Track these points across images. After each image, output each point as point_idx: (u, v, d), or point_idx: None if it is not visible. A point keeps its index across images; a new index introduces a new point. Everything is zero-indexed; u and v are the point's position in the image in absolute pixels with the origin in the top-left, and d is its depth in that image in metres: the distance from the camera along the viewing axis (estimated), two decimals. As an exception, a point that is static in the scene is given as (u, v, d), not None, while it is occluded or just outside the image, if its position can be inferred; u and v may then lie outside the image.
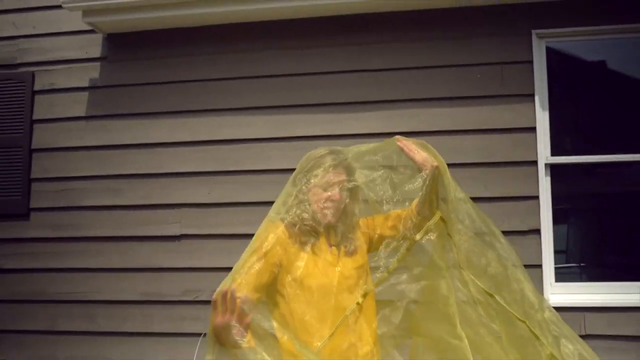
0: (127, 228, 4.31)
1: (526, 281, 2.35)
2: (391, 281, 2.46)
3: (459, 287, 2.41)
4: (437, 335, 2.49)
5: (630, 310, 3.77)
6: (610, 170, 4.10)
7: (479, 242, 2.35)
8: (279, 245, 2.24)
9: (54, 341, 4.32)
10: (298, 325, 2.20)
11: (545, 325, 2.29)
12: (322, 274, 2.26)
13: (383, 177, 2.47)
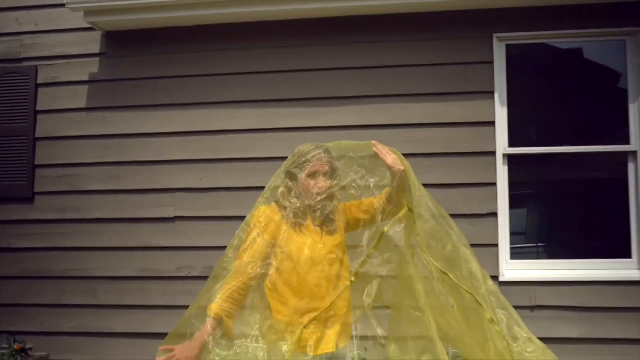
0: (126, 211, 4.70)
1: (474, 261, 2.80)
2: (370, 263, 2.95)
3: (424, 266, 2.87)
4: (404, 309, 2.98)
5: (574, 284, 4.26)
6: (563, 160, 4.54)
7: (437, 230, 2.80)
8: (274, 225, 2.70)
9: (60, 314, 4.72)
10: (287, 290, 2.67)
11: (487, 296, 2.75)
12: (308, 249, 2.70)
13: (361, 173, 2.92)
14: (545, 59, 4.63)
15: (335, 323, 2.72)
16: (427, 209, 2.76)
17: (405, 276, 2.87)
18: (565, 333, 4.24)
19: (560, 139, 4.49)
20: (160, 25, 4.73)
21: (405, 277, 2.89)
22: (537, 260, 4.46)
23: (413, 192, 2.74)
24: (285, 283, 2.68)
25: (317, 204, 2.74)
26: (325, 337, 2.68)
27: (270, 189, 2.82)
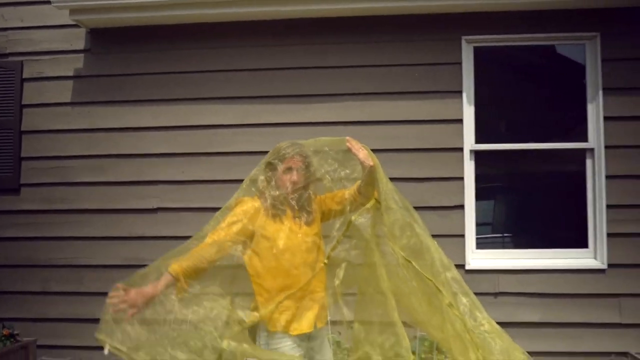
0: (111, 202, 4.90)
1: (435, 251, 3.07)
2: (339, 248, 3.21)
3: (390, 254, 3.13)
4: (368, 292, 3.26)
5: (535, 272, 4.56)
6: (527, 156, 4.80)
7: (402, 221, 3.06)
8: (255, 214, 2.94)
9: (46, 301, 4.91)
10: (267, 275, 2.92)
11: (447, 283, 3.01)
12: (287, 238, 2.95)
13: (334, 166, 3.17)
14: (511, 60, 4.91)
15: (313, 305, 2.97)
16: (394, 202, 3.01)
17: (370, 262, 3.13)
18: (527, 317, 4.54)
19: (524, 136, 4.78)
20: (144, 24, 4.90)
21: (369, 263, 3.15)
22: (500, 250, 4.75)
23: (381, 186, 2.99)
24: (266, 268, 2.93)
25: (292, 196, 2.99)
26: (304, 318, 2.94)
27: (249, 180, 3.09)
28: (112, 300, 2.73)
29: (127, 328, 2.79)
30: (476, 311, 3.07)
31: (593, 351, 4.49)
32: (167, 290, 2.85)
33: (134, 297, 2.74)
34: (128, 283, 2.83)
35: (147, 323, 2.87)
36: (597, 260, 4.56)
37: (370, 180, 3.00)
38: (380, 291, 3.08)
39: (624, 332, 4.45)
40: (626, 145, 4.52)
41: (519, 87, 4.99)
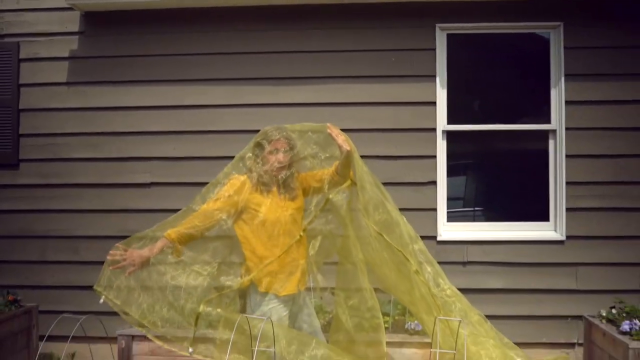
0: (106, 177, 5.19)
1: (404, 226, 3.46)
2: (316, 222, 3.60)
3: (364, 228, 3.51)
4: (343, 262, 3.66)
5: (500, 243, 4.96)
6: (495, 136, 5.16)
7: (375, 199, 3.43)
8: (243, 189, 3.32)
9: (44, 269, 5.22)
10: (256, 243, 3.32)
11: (414, 253, 3.40)
12: (273, 212, 3.34)
13: (316, 149, 3.53)
14: (481, 47, 5.25)
15: (296, 270, 3.37)
16: (368, 182, 3.39)
17: (345, 235, 3.54)
18: (492, 284, 4.94)
19: (492, 117, 5.15)
20: (136, 8, 5.13)
21: (344, 235, 3.56)
22: (469, 223, 5.15)
23: (357, 169, 3.37)
24: (254, 236, 3.33)
25: (277, 174, 3.36)
26: (289, 282, 3.34)
27: (239, 157, 3.51)
28: (112, 258, 3.10)
29: (122, 285, 3.18)
30: (439, 278, 3.48)
31: (552, 315, 4.91)
32: (161, 254, 3.24)
33: (133, 256, 3.14)
34: (127, 244, 3.21)
35: (141, 283, 3.26)
36: (557, 233, 4.97)
37: (346, 163, 3.36)
38: (352, 261, 3.49)
39: (580, 297, 4.87)
40: (585, 127, 4.90)
41: (489, 73, 5.36)
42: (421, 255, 3.47)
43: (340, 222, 3.64)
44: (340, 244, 3.68)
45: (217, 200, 3.32)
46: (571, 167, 4.92)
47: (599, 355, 4.37)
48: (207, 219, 3.28)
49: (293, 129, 3.49)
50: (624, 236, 4.86)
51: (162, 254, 3.28)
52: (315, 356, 3.10)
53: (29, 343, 4.78)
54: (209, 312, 3.28)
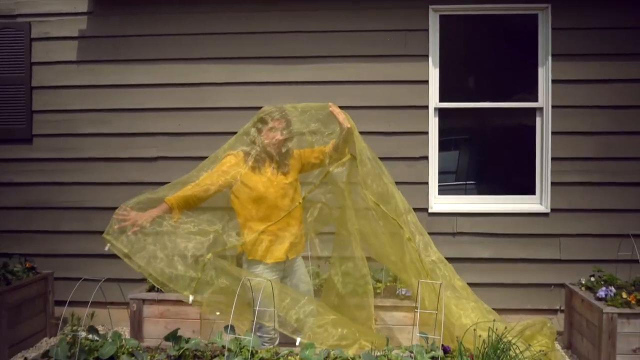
0: (114, 151, 5.47)
1: (399, 198, 3.73)
2: (315, 191, 3.87)
3: (361, 200, 3.79)
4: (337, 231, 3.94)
5: (488, 215, 5.24)
6: (485, 113, 5.43)
7: (373, 172, 3.70)
8: (237, 165, 3.61)
9: (58, 239, 5.54)
10: (247, 215, 3.64)
11: (407, 223, 3.69)
12: (263, 186, 3.63)
13: (317, 126, 3.79)
14: (472, 28, 5.47)
15: (285, 240, 3.67)
16: (367, 157, 3.66)
17: (342, 205, 3.81)
18: (480, 254, 5.23)
19: (482, 95, 5.40)
20: (142, -11, 5.39)
21: (341, 206, 3.83)
22: (459, 196, 5.42)
23: (356, 144, 3.63)
24: (246, 209, 3.66)
25: (273, 151, 3.63)
26: (276, 250, 3.66)
27: (239, 134, 3.78)
28: (118, 217, 3.42)
29: (131, 237, 3.48)
30: (428, 247, 3.76)
31: (536, 283, 5.21)
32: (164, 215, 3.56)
33: (136, 217, 3.44)
34: (129, 205, 3.58)
35: (147, 235, 3.57)
36: (542, 206, 5.25)
37: (345, 140, 3.64)
38: (348, 230, 3.77)
39: (562, 266, 5.17)
40: (570, 105, 5.14)
41: (479, 52, 5.60)
42: (413, 225, 3.75)
43: (338, 194, 3.92)
44: (338, 214, 3.98)
45: (212, 174, 3.64)
46: (556, 144, 5.17)
47: (578, 320, 4.67)
48: (202, 191, 3.61)
49: (296, 108, 3.76)
50: (605, 209, 5.14)
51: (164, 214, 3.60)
52: (305, 311, 3.41)
53: (45, 307, 5.11)
54: (213, 261, 3.59)
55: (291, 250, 3.71)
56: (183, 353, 3.06)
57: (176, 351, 3.04)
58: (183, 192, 3.60)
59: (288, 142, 3.69)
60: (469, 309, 3.52)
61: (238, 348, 2.97)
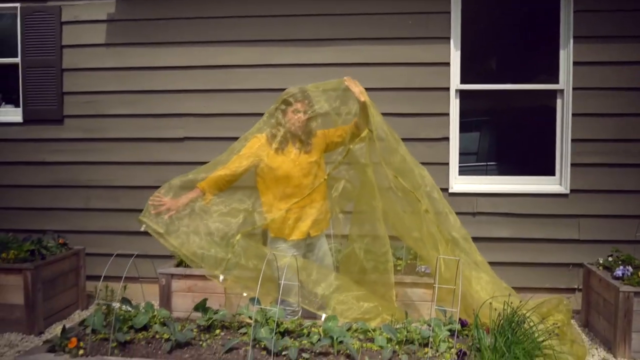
0: (143, 132, 5.63)
1: (418, 172, 3.83)
2: (340, 168, 3.98)
3: (380, 177, 3.90)
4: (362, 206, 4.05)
5: (508, 195, 5.32)
6: (506, 94, 5.49)
7: (390, 146, 3.81)
8: (261, 148, 3.75)
9: (88, 216, 5.74)
10: (270, 194, 3.79)
11: (425, 195, 3.79)
12: (287, 166, 3.75)
13: (337, 103, 3.89)
14: (495, 10, 5.51)
15: (307, 218, 3.80)
16: (383, 131, 3.77)
17: (364, 180, 3.92)
18: (499, 234, 5.32)
19: (503, 77, 5.45)
20: (170, -28, 5.50)
21: (363, 181, 3.93)
22: (479, 176, 5.50)
23: (372, 119, 3.72)
24: (269, 189, 3.80)
25: (297, 131, 3.76)
26: (297, 229, 3.79)
27: (264, 117, 3.92)
28: (153, 203, 3.58)
29: (165, 219, 3.63)
30: (448, 221, 3.86)
31: (554, 262, 5.29)
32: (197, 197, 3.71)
33: (171, 203, 3.59)
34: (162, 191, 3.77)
35: (181, 218, 3.73)
36: (561, 186, 5.31)
37: (364, 115, 3.74)
38: (371, 205, 3.88)
39: (581, 247, 5.24)
40: (591, 87, 5.18)
41: (501, 35, 5.64)
42: (427, 197, 3.86)
43: (359, 170, 4.03)
44: (359, 190, 4.09)
45: (239, 157, 3.79)
46: (577, 125, 5.22)
47: (595, 299, 4.75)
48: (230, 174, 3.77)
49: (317, 87, 3.87)
50: (624, 190, 5.19)
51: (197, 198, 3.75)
52: (330, 287, 3.55)
53: (77, 281, 5.31)
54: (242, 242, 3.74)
55: (313, 228, 3.84)
56: (212, 323, 3.22)
57: (205, 321, 3.20)
58: (213, 175, 3.76)
59: (311, 122, 3.81)
60: (488, 283, 3.63)
61: (264, 319, 3.12)
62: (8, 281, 4.69)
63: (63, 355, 2.94)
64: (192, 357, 2.90)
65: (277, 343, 2.91)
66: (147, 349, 2.98)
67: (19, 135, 5.77)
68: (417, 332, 3.04)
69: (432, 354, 2.87)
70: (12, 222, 5.70)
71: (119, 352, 2.96)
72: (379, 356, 2.88)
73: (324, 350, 2.96)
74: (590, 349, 4.45)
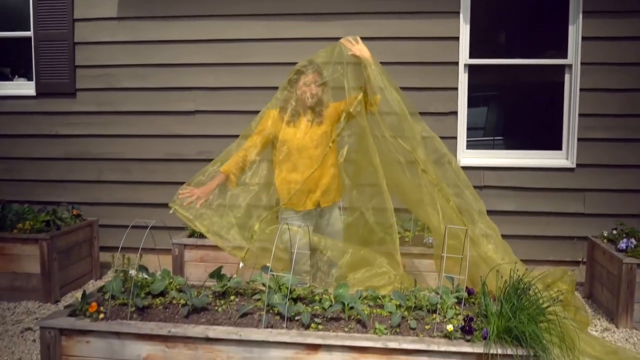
0: (153, 105, 5.70)
1: (415, 123, 3.87)
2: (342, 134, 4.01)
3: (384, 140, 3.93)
4: (362, 164, 4.08)
5: (514, 169, 5.39)
6: (515, 69, 5.54)
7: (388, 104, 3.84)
8: (273, 122, 3.84)
9: (100, 188, 5.84)
10: (282, 166, 3.84)
11: (422, 155, 3.83)
12: (298, 139, 3.81)
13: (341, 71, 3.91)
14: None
15: (317, 190, 3.89)
16: (381, 81, 3.76)
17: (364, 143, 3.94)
18: (506, 207, 5.39)
19: (512, 52, 5.49)
20: (180, -54, 5.52)
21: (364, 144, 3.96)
22: (486, 150, 5.57)
23: (371, 75, 3.72)
24: (281, 162, 3.86)
25: (308, 103, 3.83)
26: (308, 199, 3.89)
27: (277, 92, 3.95)
28: (182, 196, 3.70)
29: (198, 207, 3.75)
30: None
31: (560, 235, 5.38)
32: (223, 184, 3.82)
33: (200, 192, 3.75)
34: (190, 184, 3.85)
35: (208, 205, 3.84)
36: (568, 161, 5.37)
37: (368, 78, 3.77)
38: (373, 164, 3.90)
39: (586, 220, 5.32)
40: (599, 63, 5.21)
41: (510, 9, 5.65)
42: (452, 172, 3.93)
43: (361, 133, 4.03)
44: (362, 150, 4.09)
45: (253, 136, 3.88)
46: (584, 100, 5.27)
47: (599, 271, 4.84)
48: (248, 154, 3.87)
49: (318, 57, 3.90)
50: (630, 165, 5.25)
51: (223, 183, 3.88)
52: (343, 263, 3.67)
53: (91, 252, 5.43)
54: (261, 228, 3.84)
55: (324, 199, 3.92)
56: (226, 290, 3.32)
57: (220, 288, 3.30)
58: (233, 159, 3.86)
59: (322, 95, 3.86)
60: (496, 250, 3.72)
61: (277, 286, 3.21)
62: (25, 251, 4.81)
63: (84, 319, 3.05)
64: (209, 322, 3.00)
65: (290, 308, 3.01)
66: (165, 314, 3.09)
67: (32, 109, 5.86)
68: (426, 299, 3.13)
69: (440, 320, 2.97)
70: (27, 193, 5.81)
71: (137, 316, 3.06)
72: (388, 321, 2.98)
73: (336, 315, 3.05)
74: (593, 320, 4.55)
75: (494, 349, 2.71)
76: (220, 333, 2.89)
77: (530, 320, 2.77)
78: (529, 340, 2.69)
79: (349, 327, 2.95)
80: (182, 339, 2.92)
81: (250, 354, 2.88)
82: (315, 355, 2.84)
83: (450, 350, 2.76)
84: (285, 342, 2.86)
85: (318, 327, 2.94)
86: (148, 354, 2.96)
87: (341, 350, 2.83)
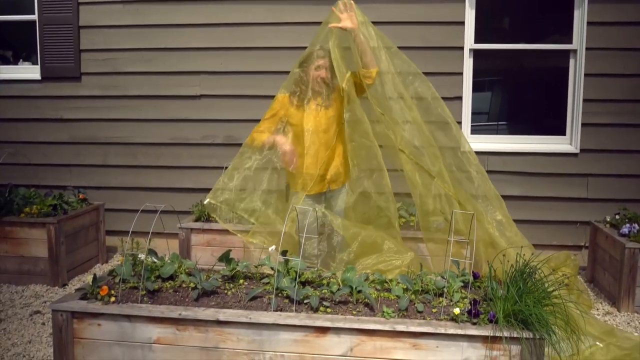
0: (159, 89, 5.71)
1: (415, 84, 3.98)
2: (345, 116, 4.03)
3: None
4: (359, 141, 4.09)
5: (519, 154, 5.41)
6: (520, 54, 5.55)
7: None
8: (283, 107, 3.90)
9: (106, 172, 5.87)
10: (297, 147, 3.88)
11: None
12: (307, 122, 3.84)
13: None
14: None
15: (327, 173, 3.96)
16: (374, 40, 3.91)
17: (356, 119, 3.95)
18: (510, 192, 5.40)
19: (517, 37, 5.50)
20: None
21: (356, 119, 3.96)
22: (491, 135, 5.59)
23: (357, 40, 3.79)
24: (295, 146, 3.87)
25: (318, 87, 3.86)
26: (317, 183, 3.95)
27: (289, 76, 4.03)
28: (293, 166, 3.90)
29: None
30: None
31: (563, 220, 5.42)
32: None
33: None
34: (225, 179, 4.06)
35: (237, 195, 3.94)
36: (571, 146, 5.40)
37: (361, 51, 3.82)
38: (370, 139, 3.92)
39: (589, 205, 5.36)
40: (603, 48, 5.22)
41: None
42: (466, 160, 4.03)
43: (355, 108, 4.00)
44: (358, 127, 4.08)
45: (265, 121, 3.98)
46: (589, 85, 5.28)
47: (601, 255, 4.89)
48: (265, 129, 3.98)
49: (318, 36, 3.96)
50: (633, 150, 5.28)
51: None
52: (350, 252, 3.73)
53: (97, 235, 5.47)
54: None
55: (333, 182, 3.96)
56: (235, 274, 3.36)
57: (229, 271, 3.33)
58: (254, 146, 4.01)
59: (333, 78, 3.88)
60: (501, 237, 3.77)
61: (285, 270, 3.25)
62: (32, 235, 4.85)
63: (95, 302, 3.09)
64: (219, 305, 3.04)
65: (299, 292, 3.05)
66: (175, 297, 3.13)
67: (37, 93, 5.87)
68: (432, 283, 3.17)
69: (447, 303, 3.01)
70: (33, 177, 5.83)
71: (148, 299, 3.10)
72: (396, 305, 3.02)
73: (344, 299, 3.09)
74: (595, 304, 4.60)
75: (500, 332, 2.75)
76: (230, 316, 2.93)
77: (536, 304, 2.81)
78: (535, 324, 2.73)
79: (357, 311, 2.99)
80: (193, 322, 2.96)
81: (260, 336, 2.92)
82: (324, 338, 2.89)
83: (458, 333, 2.80)
84: (295, 325, 2.90)
85: (327, 310, 2.98)
86: (159, 337, 3.00)
87: (349, 333, 2.87)
